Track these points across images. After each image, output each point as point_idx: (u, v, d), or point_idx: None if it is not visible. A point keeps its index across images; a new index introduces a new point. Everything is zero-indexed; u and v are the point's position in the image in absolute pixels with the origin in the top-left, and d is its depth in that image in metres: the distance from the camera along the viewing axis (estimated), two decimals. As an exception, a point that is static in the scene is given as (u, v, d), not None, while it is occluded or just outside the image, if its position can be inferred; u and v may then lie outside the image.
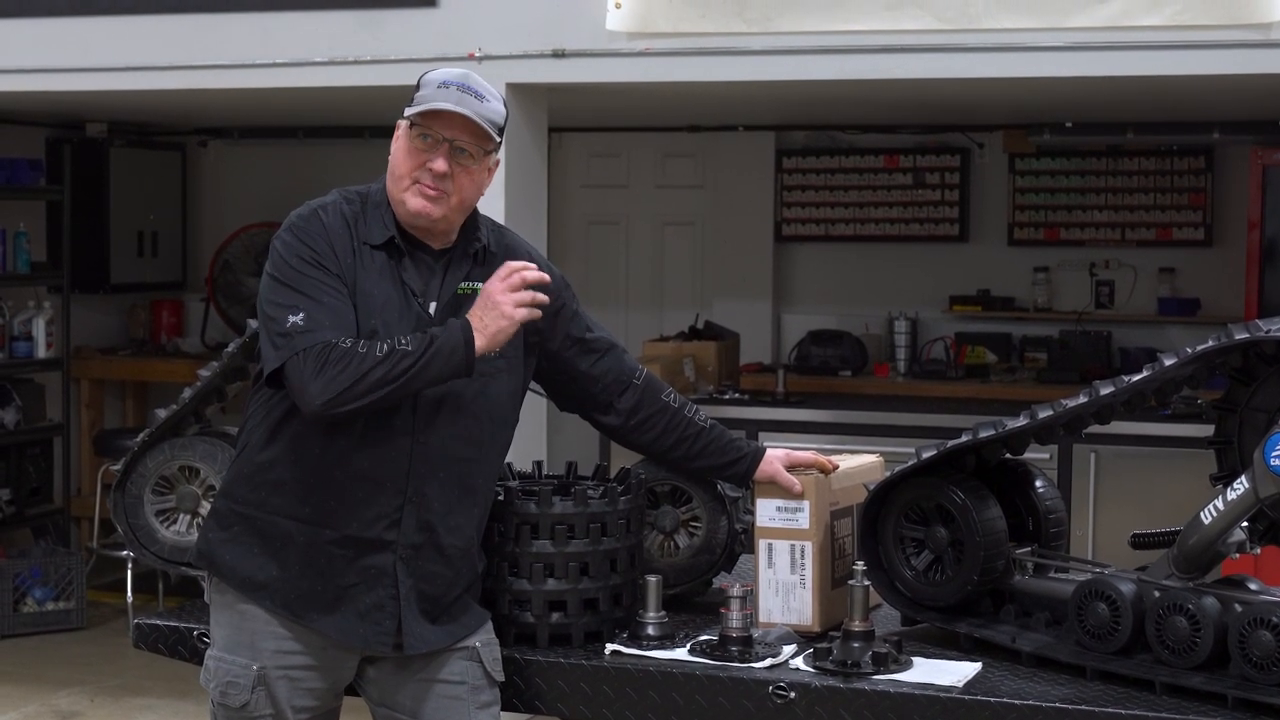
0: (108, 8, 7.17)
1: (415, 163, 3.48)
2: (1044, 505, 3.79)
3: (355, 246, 3.48)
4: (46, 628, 8.53)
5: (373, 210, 3.53)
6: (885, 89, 7.12)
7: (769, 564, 3.82)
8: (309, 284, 3.41)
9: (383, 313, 3.46)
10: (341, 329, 3.38)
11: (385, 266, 3.50)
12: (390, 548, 3.48)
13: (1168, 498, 7.14)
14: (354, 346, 3.34)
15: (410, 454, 3.47)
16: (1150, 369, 3.43)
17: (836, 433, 7.88)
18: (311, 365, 3.33)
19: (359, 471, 3.45)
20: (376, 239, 3.50)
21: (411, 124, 3.49)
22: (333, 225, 3.48)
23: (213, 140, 10.53)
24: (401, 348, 3.34)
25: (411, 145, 3.49)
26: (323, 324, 3.37)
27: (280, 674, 3.50)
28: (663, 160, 10.23)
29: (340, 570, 3.47)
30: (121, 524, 4.22)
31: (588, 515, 3.67)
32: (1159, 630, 3.37)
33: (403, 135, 3.52)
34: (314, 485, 3.46)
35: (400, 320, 3.47)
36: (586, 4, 6.54)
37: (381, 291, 3.47)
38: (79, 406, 9.87)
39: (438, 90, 3.49)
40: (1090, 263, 9.44)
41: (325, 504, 3.46)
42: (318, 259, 3.43)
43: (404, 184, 3.49)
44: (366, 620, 3.49)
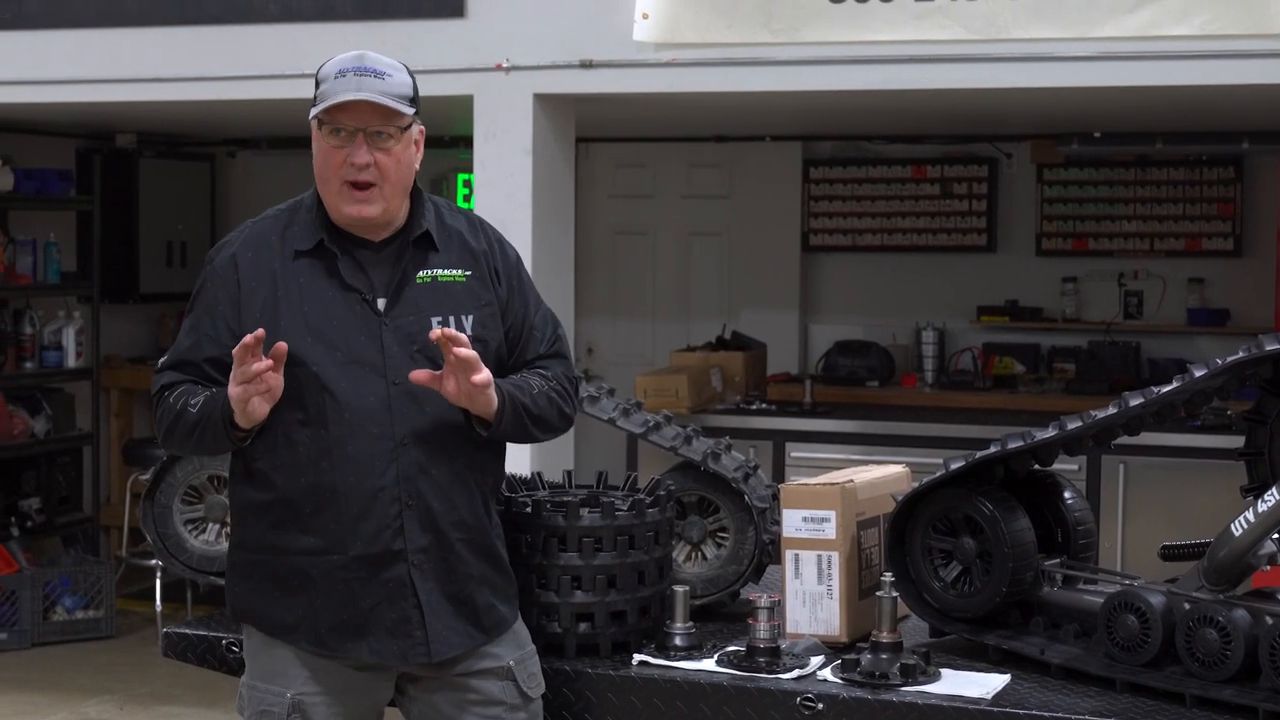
0: (137, 19, 7.19)
1: (336, 161, 3.42)
2: (1073, 516, 3.78)
3: (280, 266, 3.45)
4: (76, 636, 8.56)
5: (303, 216, 3.50)
6: (912, 99, 7.11)
7: (796, 575, 3.81)
8: (187, 327, 3.52)
9: (325, 321, 3.41)
10: (187, 375, 3.47)
11: (321, 271, 3.45)
12: (401, 557, 3.43)
13: (1197, 509, 7.12)
14: (168, 395, 3.46)
15: (395, 456, 3.42)
16: (1180, 380, 3.42)
17: (864, 443, 7.87)
18: (154, 408, 3.52)
19: (348, 488, 3.40)
20: (305, 245, 3.46)
21: (320, 123, 3.43)
22: (246, 262, 3.47)
23: (241, 151, 10.57)
24: (189, 408, 3.41)
25: (327, 145, 3.43)
26: (173, 364, 3.50)
27: (317, 700, 3.47)
28: (689, 170, 10.22)
29: (360, 593, 3.43)
30: (151, 533, 4.22)
31: (615, 528, 3.66)
32: (1189, 643, 3.35)
33: (316, 137, 3.45)
34: (308, 513, 3.41)
35: (353, 323, 3.42)
36: (614, 15, 6.55)
37: (320, 299, 3.43)
38: (108, 416, 9.90)
39: (337, 81, 3.41)
40: (1119, 273, 9.42)
41: (326, 529, 3.41)
42: (209, 305, 3.49)
43: (333, 186, 3.43)
44: (397, 636, 3.45)
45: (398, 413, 3.42)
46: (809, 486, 3.85)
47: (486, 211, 6.46)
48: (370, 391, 3.41)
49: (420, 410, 3.43)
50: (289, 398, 3.39)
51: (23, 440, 9.05)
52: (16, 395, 9.10)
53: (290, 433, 3.41)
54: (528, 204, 6.56)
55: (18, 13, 7.35)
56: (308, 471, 3.40)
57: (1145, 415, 3.49)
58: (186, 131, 10.20)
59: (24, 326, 9.05)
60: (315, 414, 3.40)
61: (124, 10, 7.21)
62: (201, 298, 3.51)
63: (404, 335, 3.45)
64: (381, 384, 3.42)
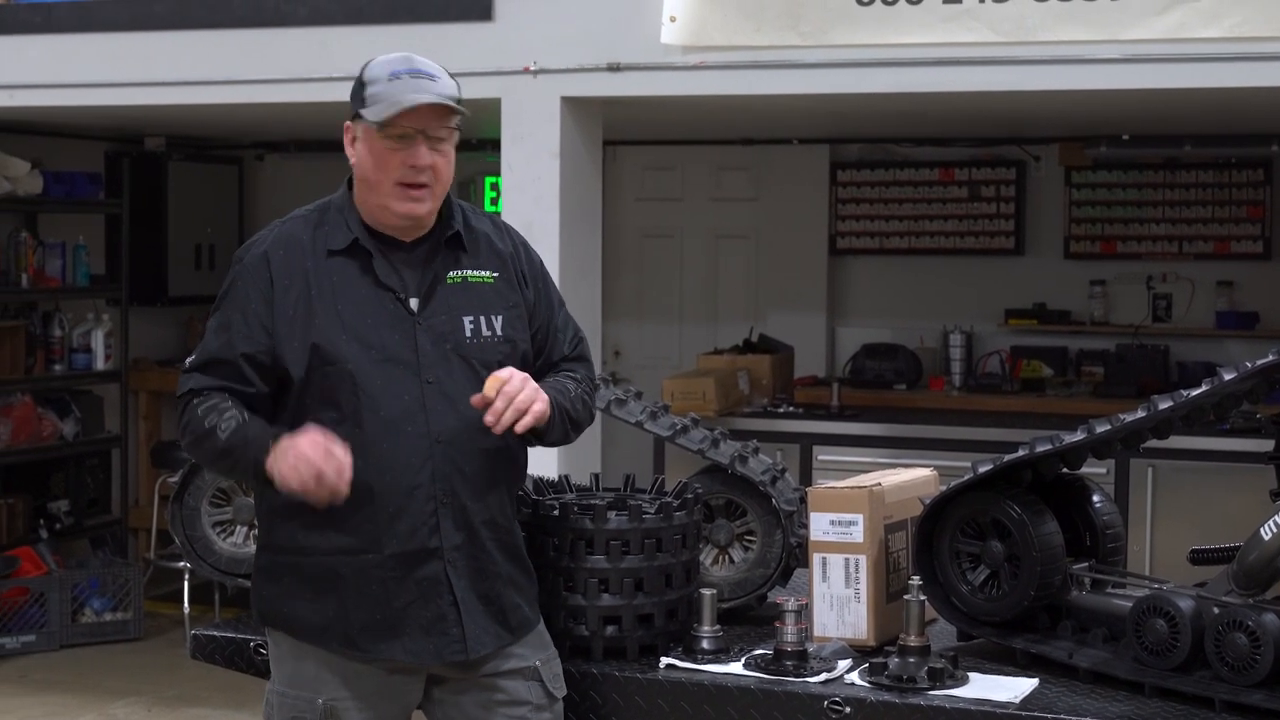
0: (167, 23, 7.22)
1: (394, 162, 3.42)
2: (1101, 520, 3.77)
3: (312, 265, 3.45)
4: (104, 638, 8.59)
5: (334, 216, 3.50)
6: (940, 102, 7.10)
7: (824, 578, 3.80)
8: (215, 325, 3.48)
9: (359, 320, 3.42)
10: (218, 377, 3.43)
11: (355, 270, 3.46)
12: (436, 554, 3.44)
13: (1226, 513, 7.10)
14: (196, 405, 3.41)
15: (430, 454, 3.43)
16: (1209, 383, 3.40)
17: (891, 446, 7.86)
18: (179, 411, 3.48)
19: (384, 486, 3.41)
20: (338, 245, 3.46)
21: (379, 125, 3.41)
22: (278, 260, 3.45)
23: (269, 154, 10.60)
24: (219, 432, 3.37)
25: (382, 148, 3.42)
26: (201, 365, 3.46)
27: (349, 705, 3.46)
28: (717, 173, 10.22)
29: (394, 592, 3.43)
30: (179, 535, 4.23)
31: (642, 531, 3.66)
32: (1218, 647, 3.34)
33: (367, 139, 3.44)
34: (343, 513, 3.39)
35: (387, 322, 3.43)
36: (641, 18, 6.55)
37: (354, 299, 3.44)
38: (137, 418, 9.93)
39: (392, 85, 3.41)
40: (1147, 276, 9.39)
41: (360, 528, 3.41)
42: (240, 303, 3.45)
43: (385, 187, 3.44)
44: (432, 634, 3.45)
45: (432, 411, 3.43)
46: (836, 490, 3.84)
47: (514, 215, 6.48)
48: (405, 390, 3.43)
49: (453, 409, 3.44)
50: (323, 396, 3.41)
51: (52, 443, 9.09)
52: (45, 398, 9.14)
53: (325, 431, 3.38)
54: (555, 207, 6.56)
55: (48, 17, 7.39)
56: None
57: (1174, 419, 3.48)
58: (215, 135, 10.24)
59: (53, 329, 9.09)
60: (350, 412, 3.40)
61: (153, 14, 7.24)
62: (232, 295, 3.48)
63: (437, 334, 3.47)
64: (415, 383, 3.43)
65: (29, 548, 8.70)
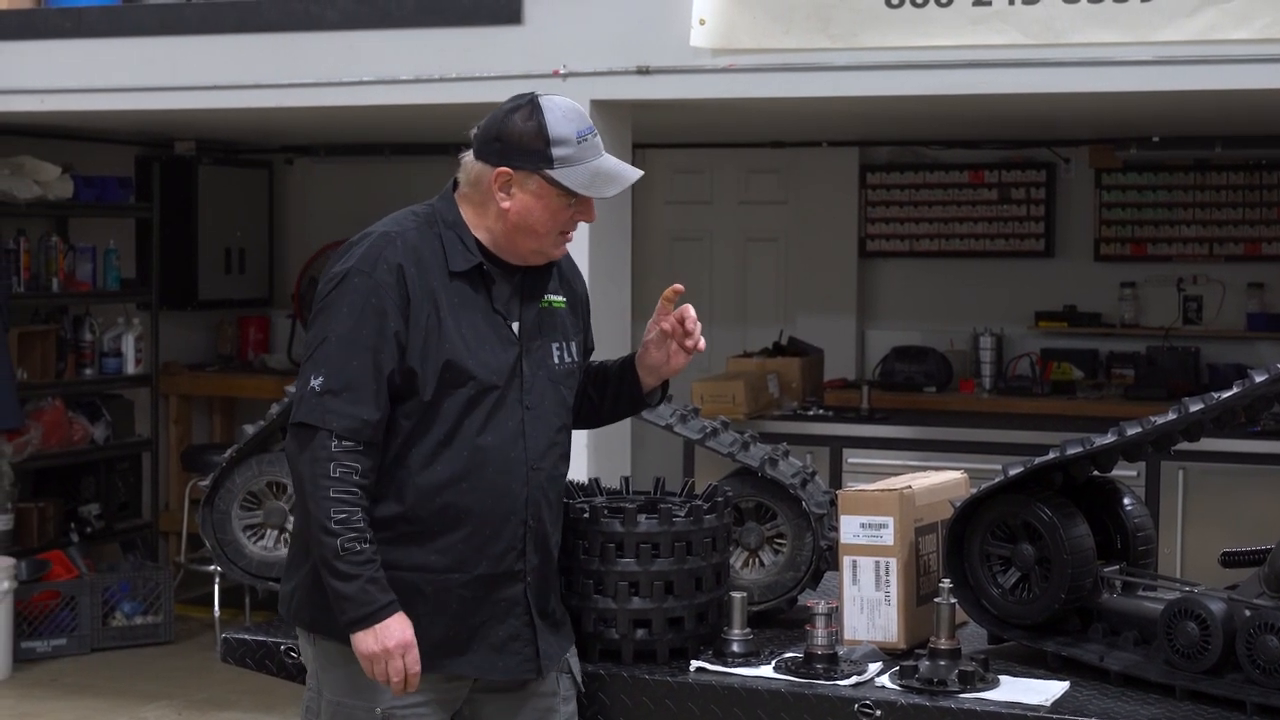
0: (197, 27, 7.25)
1: (564, 217, 3.48)
2: (1132, 523, 3.77)
3: (438, 283, 3.43)
4: (135, 642, 8.61)
5: (450, 235, 3.49)
6: (970, 104, 7.09)
7: (854, 581, 3.81)
8: (345, 341, 3.37)
9: (478, 343, 3.43)
10: (358, 405, 3.33)
11: (470, 292, 3.46)
12: (519, 577, 3.49)
13: (1258, 515, 7.08)
14: (333, 482, 3.31)
15: (527, 481, 3.47)
16: (1240, 385, 3.40)
17: (921, 449, 7.85)
18: (301, 437, 3.36)
19: (485, 511, 3.43)
20: (460, 266, 3.46)
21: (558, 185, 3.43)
22: (412, 276, 3.40)
23: (299, 158, 10.62)
24: (351, 548, 3.31)
25: (560, 204, 3.46)
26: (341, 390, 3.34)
27: (407, 712, 3.46)
28: (746, 176, 10.22)
29: (471, 610, 3.46)
30: (209, 539, 4.26)
31: (672, 534, 3.67)
32: (1250, 650, 3.33)
33: (542, 194, 3.45)
34: (439, 532, 3.42)
35: (499, 347, 3.46)
36: (670, 21, 6.55)
37: (472, 322, 3.44)
38: (167, 422, 9.96)
39: (582, 148, 3.45)
40: (1178, 278, 9.36)
41: (452, 549, 3.43)
42: (376, 319, 3.37)
43: (548, 238, 3.48)
44: (504, 652, 3.49)
45: (530, 437, 3.48)
46: (867, 492, 3.85)
47: (543, 218, 6.48)
48: (510, 416, 3.46)
49: (544, 435, 3.51)
50: (440, 419, 3.41)
51: (83, 446, 9.12)
52: (76, 402, 9.18)
53: (434, 452, 3.41)
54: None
55: (78, 22, 7.42)
56: (445, 492, 3.42)
57: (1205, 421, 3.47)
58: (245, 139, 10.27)
59: (84, 333, 9.12)
60: (463, 435, 3.42)
61: (183, 19, 7.27)
62: (365, 310, 3.37)
63: (535, 360, 3.52)
64: (519, 409, 3.48)
65: (60, 551, 8.73)
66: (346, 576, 3.31)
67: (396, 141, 9.88)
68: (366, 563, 3.32)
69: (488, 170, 3.47)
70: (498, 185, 3.46)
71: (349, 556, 3.31)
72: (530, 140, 3.44)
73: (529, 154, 3.44)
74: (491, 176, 3.47)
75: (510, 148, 3.45)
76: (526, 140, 3.44)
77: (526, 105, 3.47)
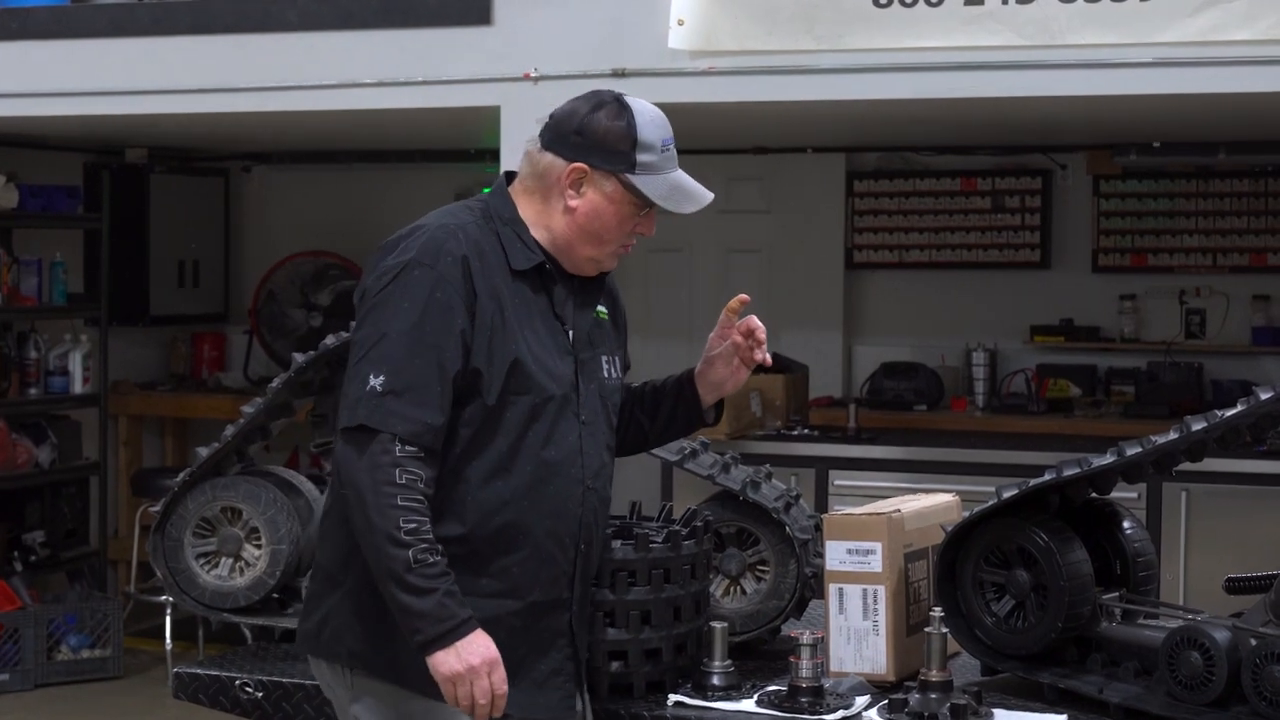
0: (148, 28, 7.24)
1: (629, 226, 3.45)
2: (1132, 547, 3.78)
3: (501, 280, 3.35)
4: (82, 676, 8.58)
5: (508, 231, 3.41)
6: (962, 108, 7.12)
7: (840, 610, 3.81)
8: (407, 339, 3.25)
9: (540, 348, 3.37)
10: (422, 411, 3.21)
11: (530, 293, 3.39)
12: (566, 605, 3.43)
13: (1264, 539, 7.10)
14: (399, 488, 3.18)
15: (583, 502, 3.43)
16: (1245, 403, 3.42)
17: (911, 470, 7.86)
18: (357, 442, 3.23)
19: (543, 532, 3.36)
20: (522, 264, 3.38)
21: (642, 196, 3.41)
22: (477, 270, 3.32)
23: (256, 166, 10.62)
24: (424, 559, 3.18)
25: (630, 211, 3.43)
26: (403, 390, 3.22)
27: None
28: (727, 184, 10.21)
29: (516, 642, 3.35)
30: (161, 568, 4.25)
31: (649, 561, 3.67)
32: (1255, 680, 3.34)
33: (615, 199, 3.42)
34: (495, 554, 3.33)
35: (558, 355, 3.40)
36: (648, 22, 6.57)
37: (533, 324, 3.37)
38: (117, 444, 9.94)
39: (664, 157, 3.44)
40: (1180, 290, 9.38)
41: (507, 573, 3.34)
42: (441, 315, 3.27)
43: (610, 246, 3.45)
44: (546, 688, 3.41)
45: (586, 454, 3.44)
46: (853, 516, 3.86)
47: (513, 228, 6.48)
48: (569, 430, 3.41)
49: (597, 453, 3.46)
50: (502, 428, 3.33)
51: (27, 470, 9.09)
52: (20, 423, 9.15)
53: (497, 465, 3.33)
54: (557, 220, 6.57)
55: (25, 22, 7.41)
56: (506, 510, 3.33)
57: (1208, 440, 3.49)
58: (199, 146, 10.26)
59: (28, 351, 9.09)
60: (525, 448, 3.35)
61: (134, 19, 7.27)
62: (429, 305, 3.27)
63: (588, 371, 3.48)
64: (575, 422, 3.43)
65: (2, 581, 8.71)
66: (421, 591, 3.17)
67: (360, 148, 9.87)
68: (441, 575, 3.20)
69: (560, 164, 3.42)
70: (569, 181, 3.41)
71: (422, 569, 3.18)
72: (616, 140, 3.41)
73: (612, 154, 3.41)
74: (565, 171, 3.41)
75: (592, 144, 3.40)
76: (612, 139, 3.41)
77: (613, 103, 3.45)
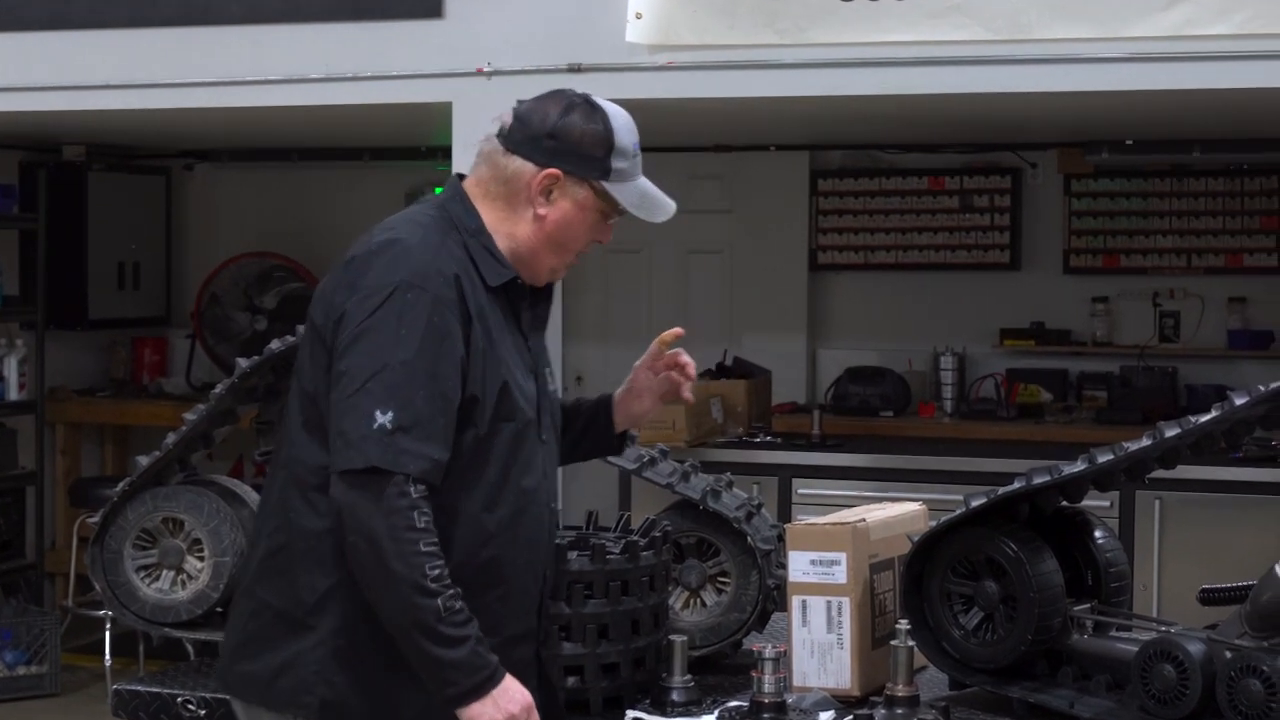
0: (87, 21, 7.20)
1: (591, 235, 3.37)
2: (1104, 558, 3.78)
3: (484, 298, 3.23)
4: (17, 694, 8.54)
5: (474, 242, 3.29)
6: (929, 105, 7.13)
7: (803, 623, 3.81)
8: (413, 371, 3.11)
9: (516, 367, 3.27)
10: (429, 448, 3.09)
11: (500, 311, 3.28)
12: (533, 635, 3.38)
13: (1240, 549, 7.12)
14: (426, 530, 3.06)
15: (549, 526, 3.38)
16: (1220, 408, 3.42)
17: (877, 479, 7.87)
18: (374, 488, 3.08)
19: (522, 563, 3.29)
20: (495, 280, 3.27)
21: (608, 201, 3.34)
22: (467, 289, 3.20)
23: (200, 164, 10.57)
24: (452, 607, 3.06)
25: (596, 219, 3.35)
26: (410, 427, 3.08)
27: None
28: (687, 183, 10.20)
29: None
30: (99, 581, 4.22)
31: (606, 573, 3.66)
32: (1231, 694, 3.35)
33: (584, 207, 3.33)
34: (478, 590, 3.19)
35: (526, 374, 3.31)
36: (605, 15, 6.56)
37: (509, 342, 3.28)
38: (54, 453, 9.89)
39: (634, 163, 3.35)
40: (1154, 292, 9.42)
41: (489, 608, 3.22)
42: (437, 344, 3.14)
43: (570, 255, 3.36)
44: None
45: (549, 476, 3.37)
46: (817, 526, 3.85)
47: (466, 228, 6.47)
48: (537, 452, 3.33)
49: (555, 472, 3.40)
50: (488, 458, 3.22)
51: (-39, 479, 9.06)
52: (-46, 431, 9.11)
53: (488, 498, 3.23)
54: (511, 220, 6.56)
55: (-45, 14, 7.37)
56: (491, 545, 3.24)
57: (1183, 447, 3.50)
58: (140, 143, 10.21)
59: (-38, 356, 9.06)
60: (512, 478, 3.27)
61: (72, 11, 7.23)
62: (427, 331, 3.13)
63: (542, 388, 3.40)
64: (539, 444, 3.34)
65: (-64, 595, 8.68)
66: (455, 641, 3.07)
67: (307, 146, 9.84)
68: (469, 621, 3.09)
69: (530, 169, 3.32)
70: (540, 188, 3.31)
71: (452, 617, 3.06)
72: (592, 145, 3.32)
73: (586, 160, 3.32)
74: (537, 177, 3.31)
75: (566, 149, 3.31)
76: (587, 144, 3.32)
77: (584, 104, 3.37)
